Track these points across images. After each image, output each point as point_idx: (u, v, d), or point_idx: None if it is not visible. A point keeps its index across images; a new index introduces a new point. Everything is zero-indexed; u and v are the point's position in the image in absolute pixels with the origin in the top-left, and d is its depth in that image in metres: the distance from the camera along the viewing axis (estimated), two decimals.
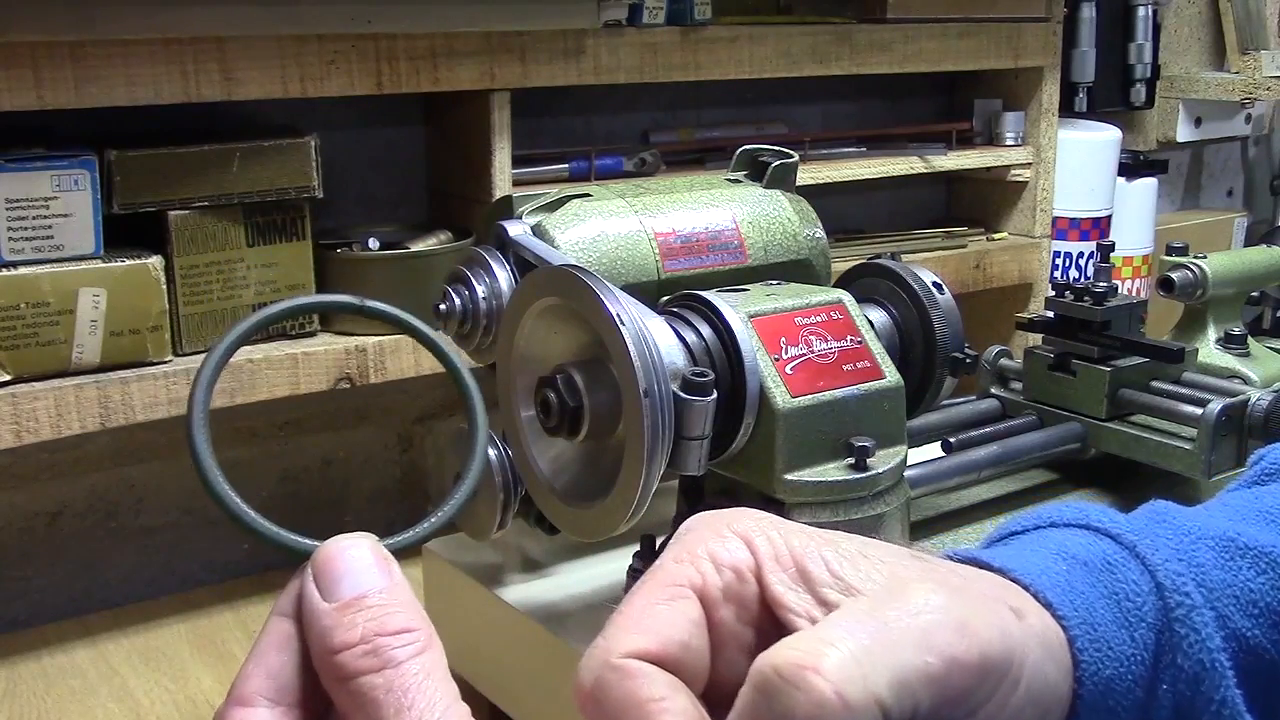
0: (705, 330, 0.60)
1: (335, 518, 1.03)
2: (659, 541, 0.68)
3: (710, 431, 0.56)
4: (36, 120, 0.77)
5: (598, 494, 0.57)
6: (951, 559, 0.43)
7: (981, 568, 0.43)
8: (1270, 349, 0.86)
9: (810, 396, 0.60)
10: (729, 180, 0.73)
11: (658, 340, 0.55)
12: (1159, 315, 0.94)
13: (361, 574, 0.41)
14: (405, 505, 1.06)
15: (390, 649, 0.38)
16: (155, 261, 0.80)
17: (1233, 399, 0.70)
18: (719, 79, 1.04)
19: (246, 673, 0.39)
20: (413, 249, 0.91)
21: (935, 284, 0.72)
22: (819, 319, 0.63)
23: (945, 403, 0.74)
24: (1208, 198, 1.84)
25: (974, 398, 0.83)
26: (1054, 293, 0.79)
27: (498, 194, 0.91)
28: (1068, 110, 1.38)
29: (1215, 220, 1.75)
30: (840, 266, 0.74)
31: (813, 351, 0.62)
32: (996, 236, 1.29)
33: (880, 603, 0.38)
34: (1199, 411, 0.70)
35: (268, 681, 0.39)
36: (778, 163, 0.73)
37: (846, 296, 0.65)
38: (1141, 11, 1.47)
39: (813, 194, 0.76)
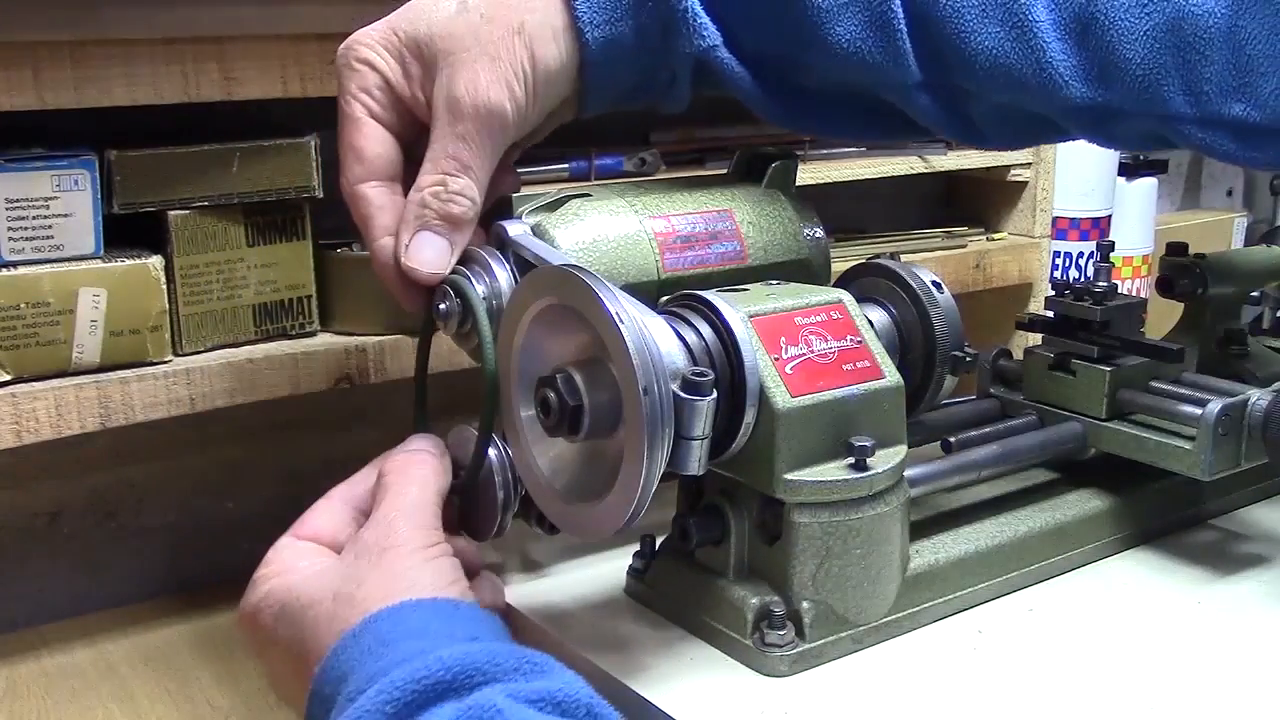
0: (705, 330, 0.60)
1: None
2: (659, 541, 0.68)
3: (710, 431, 0.56)
4: (36, 120, 0.77)
5: (598, 494, 0.57)
6: None
7: None
8: (1270, 349, 0.86)
9: (810, 396, 0.60)
10: (729, 180, 0.73)
11: (658, 340, 0.55)
12: (1159, 315, 0.94)
13: None
14: None
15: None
16: (155, 261, 0.80)
17: (1233, 399, 0.70)
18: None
19: None
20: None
21: (935, 284, 0.72)
22: (819, 319, 0.63)
23: (945, 402, 0.74)
24: (1208, 198, 1.84)
25: (974, 398, 0.83)
26: (1054, 293, 0.79)
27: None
28: None
29: (1215, 220, 1.75)
30: (840, 266, 0.74)
31: (813, 351, 0.62)
32: (996, 236, 1.29)
33: None
34: (1199, 411, 0.70)
35: None
36: (778, 163, 0.73)
37: (846, 296, 0.65)
38: None
39: (813, 194, 0.76)
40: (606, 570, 0.71)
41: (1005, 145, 0.71)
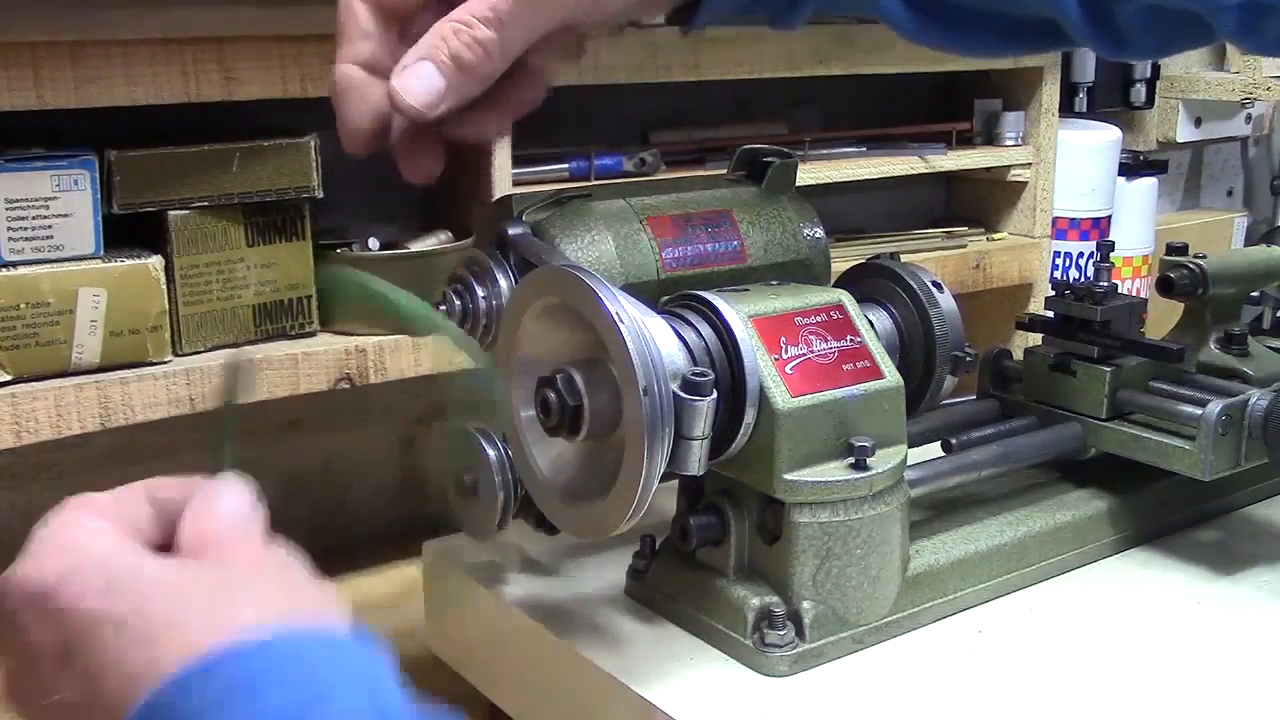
0: (705, 330, 0.60)
1: (335, 518, 1.03)
2: (659, 541, 0.68)
3: (710, 431, 0.56)
4: (36, 120, 0.77)
5: (598, 494, 0.57)
6: None
7: None
8: (1270, 349, 0.86)
9: (810, 396, 0.60)
10: (729, 180, 0.73)
11: (658, 340, 0.55)
12: (1159, 315, 0.94)
13: None
14: (405, 505, 1.06)
15: None
16: (155, 261, 0.80)
17: (1233, 399, 0.70)
18: (719, 79, 1.04)
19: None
20: (413, 249, 0.91)
21: (935, 284, 0.72)
22: (819, 319, 0.63)
23: (945, 403, 0.74)
24: (1208, 198, 1.84)
25: (974, 398, 0.83)
26: (1054, 293, 0.79)
27: (497, 194, 0.91)
28: (1068, 110, 1.38)
29: (1215, 220, 1.75)
30: (840, 266, 0.74)
31: (813, 351, 0.62)
32: (996, 236, 1.29)
33: None
34: (1199, 411, 0.70)
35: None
36: (778, 163, 0.73)
37: (846, 296, 0.65)
38: None
39: (813, 194, 0.76)
40: (606, 570, 0.71)
41: (1148, 53, 0.66)
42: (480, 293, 0.64)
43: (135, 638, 0.39)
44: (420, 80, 0.54)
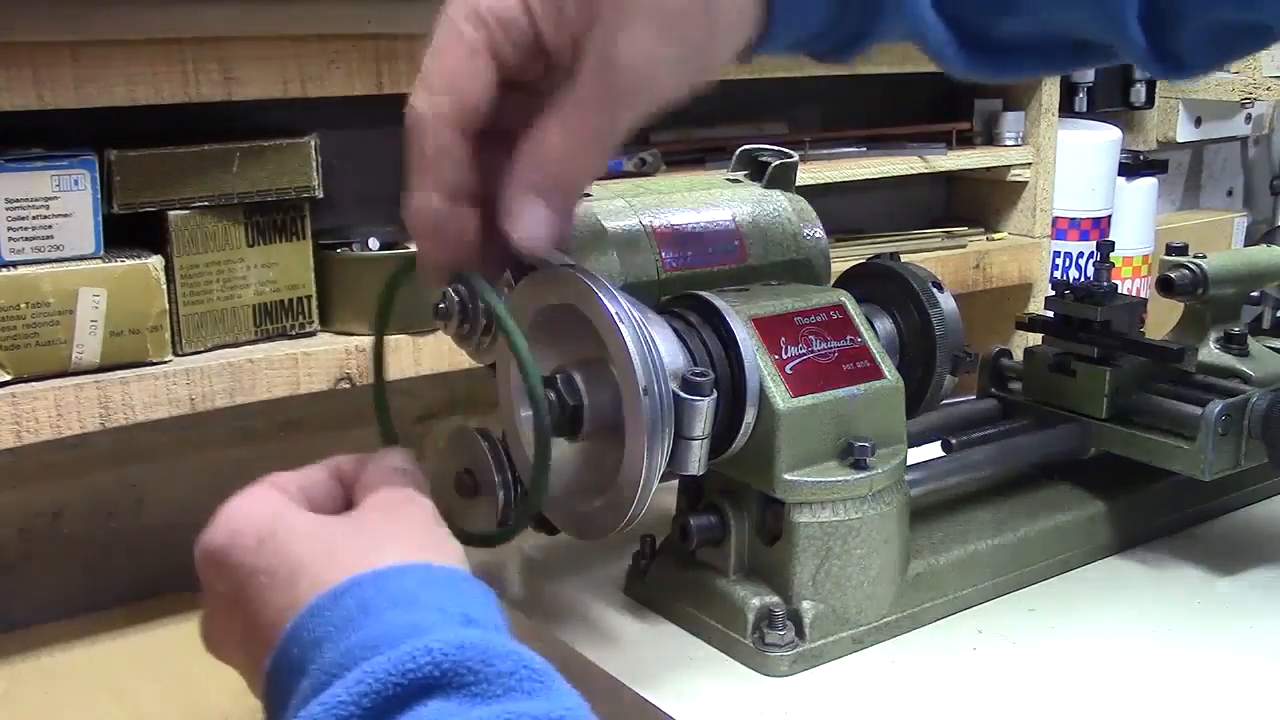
0: (705, 330, 0.60)
1: None
2: (659, 541, 0.68)
3: (710, 431, 0.56)
4: (36, 120, 0.77)
5: (598, 494, 0.57)
6: None
7: None
8: (1270, 349, 0.86)
9: (810, 396, 0.60)
10: (729, 180, 0.73)
11: (658, 340, 0.55)
12: (1159, 315, 0.94)
13: None
14: None
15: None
16: (155, 261, 0.80)
17: (1233, 399, 0.70)
18: (719, 79, 1.03)
19: None
20: (413, 249, 0.91)
21: (935, 283, 0.72)
22: (819, 319, 0.63)
23: (945, 403, 0.74)
24: (1208, 198, 1.84)
25: (974, 398, 0.83)
26: (1054, 293, 0.79)
27: None
28: (1068, 110, 1.38)
29: (1215, 220, 1.75)
30: (840, 266, 0.74)
31: (813, 351, 0.62)
32: (996, 236, 1.29)
33: None
34: (1199, 411, 0.70)
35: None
36: (778, 163, 0.73)
37: (846, 296, 0.65)
38: None
39: (813, 194, 0.76)
40: (606, 570, 0.71)
41: (1207, 69, 0.66)
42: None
43: (279, 581, 0.47)
44: (538, 224, 0.53)
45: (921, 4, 0.57)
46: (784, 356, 0.61)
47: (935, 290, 0.71)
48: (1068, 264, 1.34)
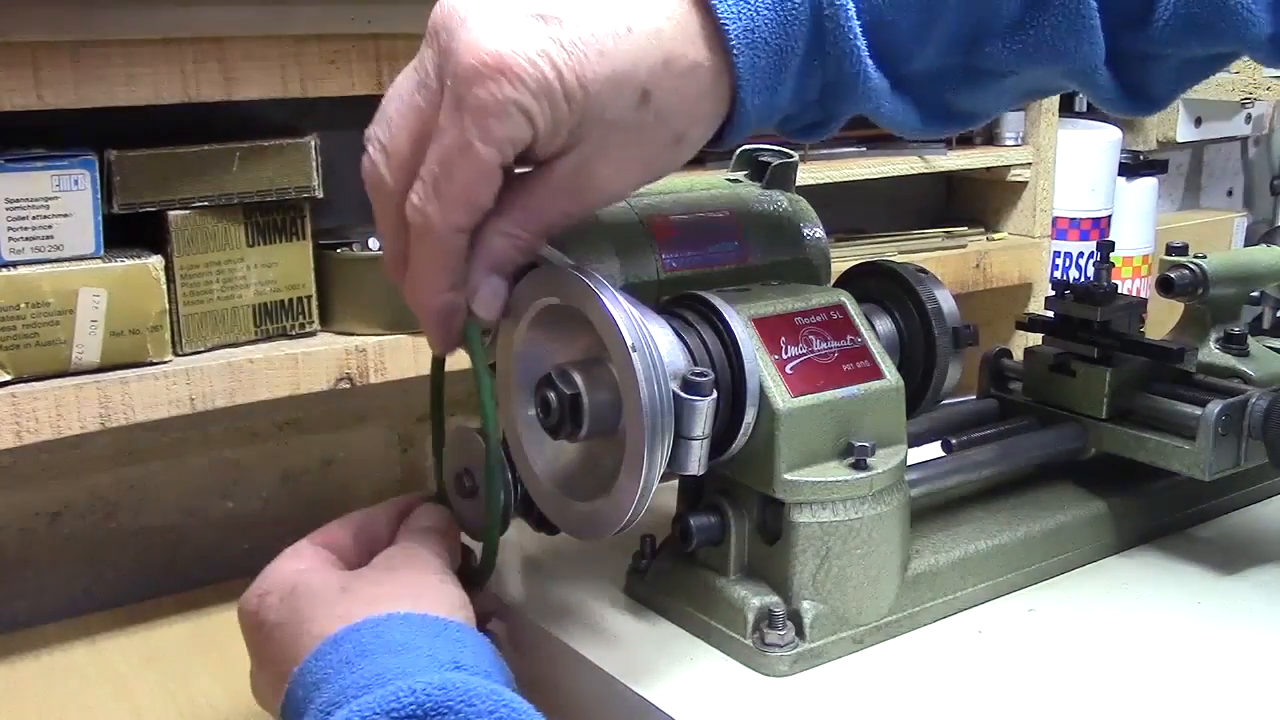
0: (705, 330, 0.60)
1: (335, 518, 1.03)
2: (659, 541, 0.68)
3: (710, 431, 0.56)
4: (36, 120, 0.77)
5: (598, 494, 0.57)
6: None
7: None
8: (1270, 349, 0.86)
9: (810, 396, 0.60)
10: (729, 180, 0.73)
11: (658, 340, 0.55)
12: (1159, 315, 0.94)
13: None
14: None
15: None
16: (155, 261, 0.80)
17: (1233, 399, 0.70)
18: None
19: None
20: None
21: (934, 283, 0.72)
22: (819, 319, 0.63)
23: (945, 403, 0.74)
24: (1208, 198, 1.84)
25: (974, 398, 0.83)
26: (1054, 293, 0.79)
27: None
28: (1068, 110, 1.38)
29: (1215, 220, 1.75)
30: (840, 266, 0.74)
31: (813, 351, 0.62)
32: (996, 236, 1.29)
33: None
34: (1199, 411, 0.70)
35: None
36: (778, 163, 0.73)
37: (846, 296, 0.65)
38: None
39: (813, 194, 0.76)
40: (606, 570, 0.71)
41: (1172, 98, 0.67)
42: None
43: (295, 633, 0.53)
44: (494, 298, 0.58)
45: (884, 97, 0.59)
46: (784, 356, 0.61)
47: (935, 290, 0.71)
48: (1068, 264, 1.34)
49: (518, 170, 0.55)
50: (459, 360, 0.67)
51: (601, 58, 0.51)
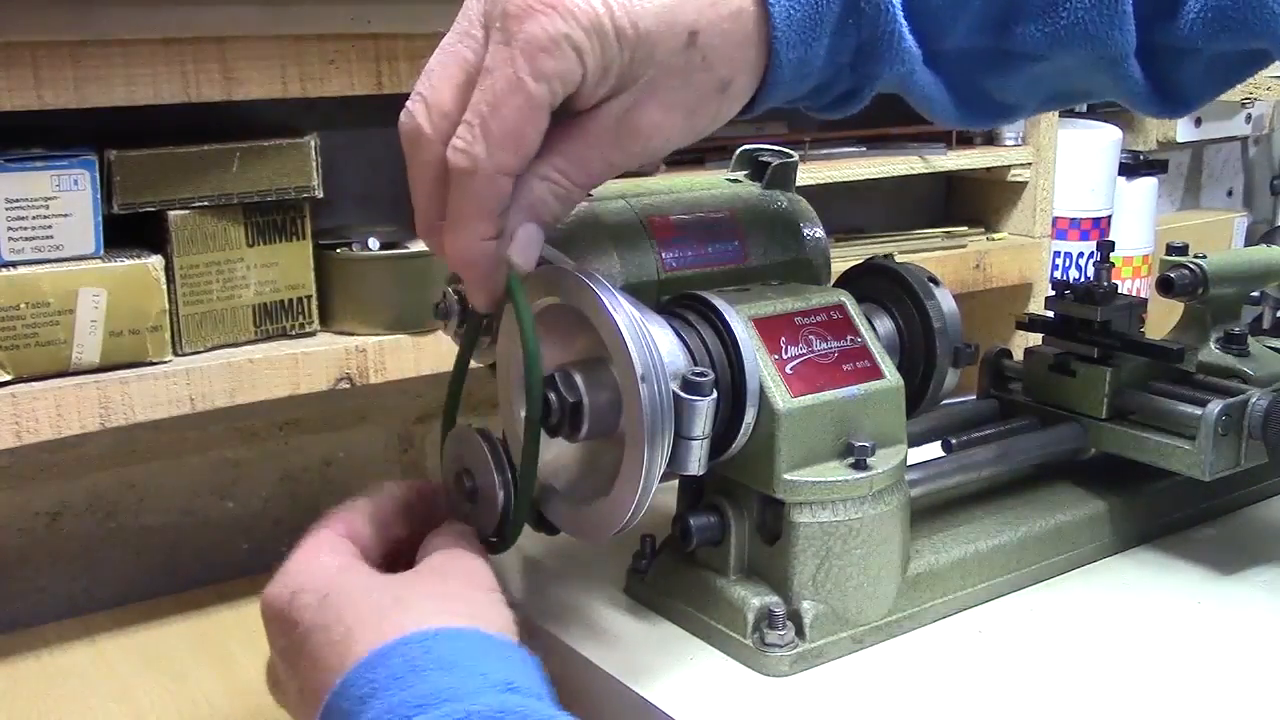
0: (705, 330, 0.60)
1: None
2: (659, 541, 0.68)
3: (710, 431, 0.56)
4: (36, 120, 0.77)
5: (598, 494, 0.57)
6: None
7: None
8: (1270, 349, 0.86)
9: (810, 396, 0.60)
10: (729, 180, 0.73)
11: (658, 340, 0.55)
12: (1159, 315, 0.94)
13: None
14: None
15: None
16: (155, 261, 0.80)
17: (1233, 399, 0.70)
18: None
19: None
20: (413, 249, 0.91)
21: (934, 283, 0.72)
22: (819, 319, 0.63)
23: (945, 403, 0.74)
24: (1208, 198, 1.84)
25: (974, 398, 0.83)
26: (1054, 293, 0.79)
27: None
28: (1068, 110, 1.38)
29: (1215, 220, 1.75)
30: (840, 266, 0.74)
31: (813, 351, 0.62)
32: (996, 236, 1.29)
33: None
34: (1199, 411, 0.70)
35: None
36: (778, 163, 0.73)
37: (846, 296, 0.65)
38: None
39: (813, 194, 0.76)
40: (606, 570, 0.71)
41: (1206, 99, 0.67)
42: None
43: (334, 638, 0.50)
44: (532, 246, 0.56)
45: (917, 64, 0.59)
46: (784, 356, 0.61)
47: (935, 290, 0.71)
48: (1068, 264, 1.34)
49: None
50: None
51: None
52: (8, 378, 0.77)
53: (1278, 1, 0.58)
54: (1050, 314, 0.79)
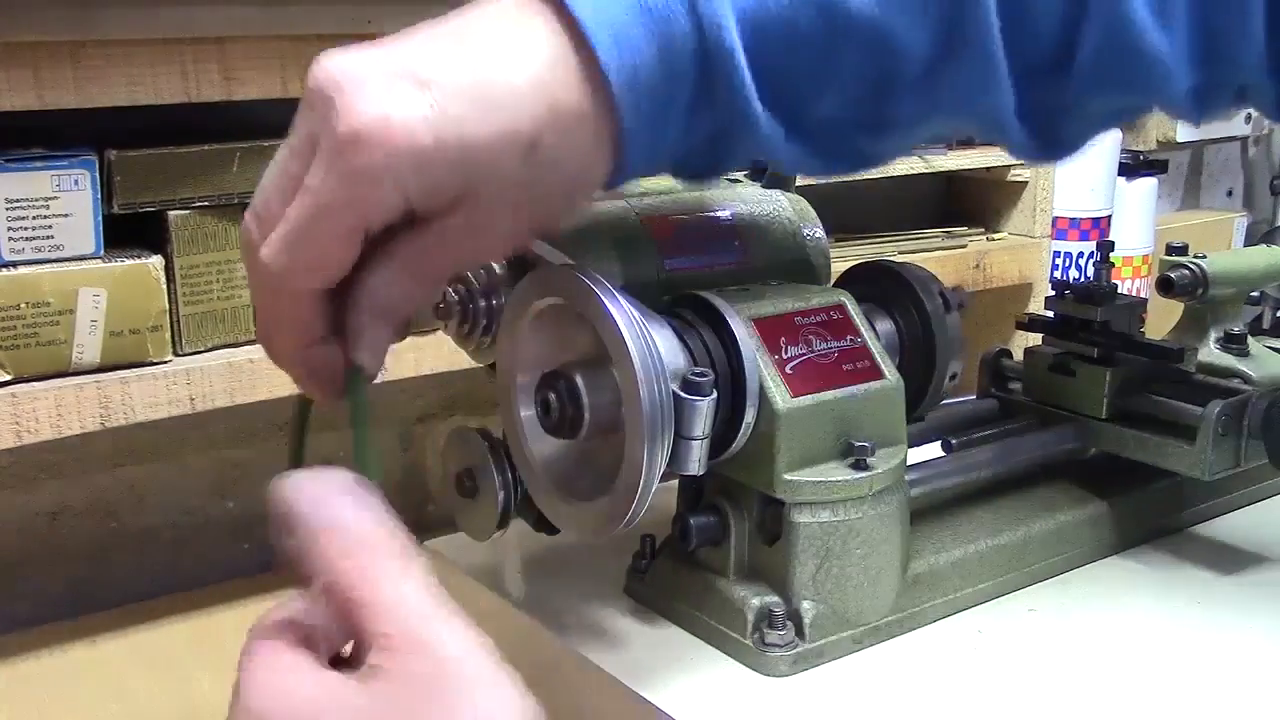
0: (705, 330, 0.60)
1: None
2: (659, 541, 0.68)
3: (710, 431, 0.56)
4: (36, 120, 0.77)
5: (598, 494, 0.57)
6: None
7: None
8: (1270, 349, 0.86)
9: (810, 396, 0.60)
10: (729, 180, 0.73)
11: (658, 340, 0.55)
12: (1159, 315, 0.94)
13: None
14: (405, 505, 1.06)
15: None
16: (155, 261, 0.80)
17: (1233, 399, 0.70)
18: None
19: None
20: None
21: (934, 282, 0.72)
22: (819, 319, 0.63)
23: (945, 403, 0.74)
24: (1208, 198, 1.84)
25: (974, 398, 0.83)
26: (1054, 293, 0.79)
27: None
28: None
29: (1215, 220, 1.75)
30: (840, 266, 0.74)
31: (813, 351, 0.62)
32: (996, 236, 1.29)
33: None
34: (1199, 411, 0.70)
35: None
36: None
37: (846, 296, 0.65)
38: None
39: (813, 194, 0.76)
40: (606, 570, 0.71)
41: (1082, 147, 0.67)
42: (480, 293, 0.64)
43: None
44: (378, 347, 0.54)
45: (774, 139, 0.56)
46: (784, 356, 0.61)
47: (934, 289, 0.71)
48: (1068, 264, 1.34)
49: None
50: (464, 359, 0.67)
51: (484, 117, 0.49)
52: (8, 378, 0.77)
53: (1161, 57, 0.58)
54: (1050, 314, 0.79)
